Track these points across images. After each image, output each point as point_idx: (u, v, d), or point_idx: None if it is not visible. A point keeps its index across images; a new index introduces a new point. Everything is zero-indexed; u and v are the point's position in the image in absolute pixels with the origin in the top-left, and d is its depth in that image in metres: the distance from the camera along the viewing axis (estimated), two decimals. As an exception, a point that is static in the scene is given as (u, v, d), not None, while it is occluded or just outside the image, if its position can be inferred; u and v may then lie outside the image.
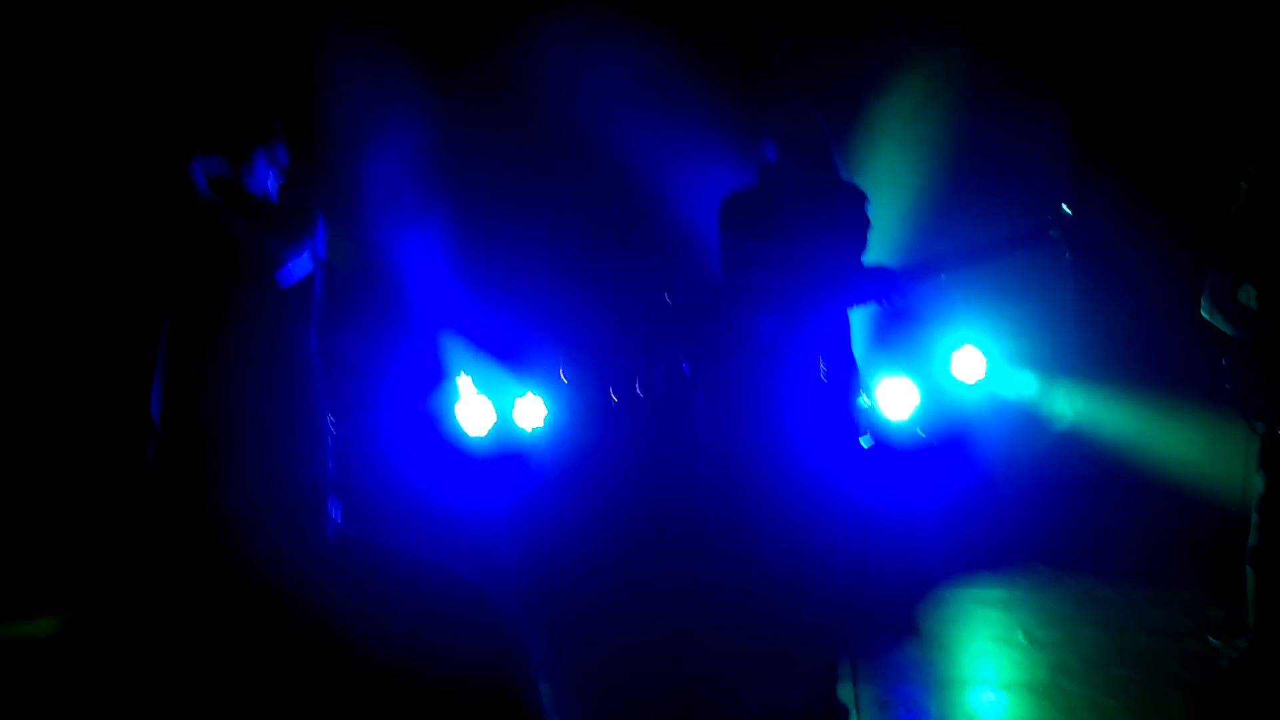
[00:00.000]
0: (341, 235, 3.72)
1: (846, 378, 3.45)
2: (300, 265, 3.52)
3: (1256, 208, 3.21)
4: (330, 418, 4.14)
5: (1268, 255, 3.19)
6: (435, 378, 5.19)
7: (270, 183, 3.65)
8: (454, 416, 5.10)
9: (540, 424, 5.11)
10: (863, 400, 3.60)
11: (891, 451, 4.84)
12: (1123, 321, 4.79)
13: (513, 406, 5.14)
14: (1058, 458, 5.12)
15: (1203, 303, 3.33)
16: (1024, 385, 5.23)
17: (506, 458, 5.09)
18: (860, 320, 3.51)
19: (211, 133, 3.60)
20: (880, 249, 3.47)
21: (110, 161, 4.88)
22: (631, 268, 5.18)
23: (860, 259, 3.37)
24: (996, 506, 5.06)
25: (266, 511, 3.63)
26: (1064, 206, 3.02)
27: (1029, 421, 5.19)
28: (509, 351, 5.22)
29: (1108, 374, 5.04)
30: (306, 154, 3.93)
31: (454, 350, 5.22)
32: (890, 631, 3.99)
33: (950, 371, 5.11)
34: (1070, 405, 5.17)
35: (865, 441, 3.50)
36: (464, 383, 5.15)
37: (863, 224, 3.41)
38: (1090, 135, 5.01)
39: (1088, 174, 4.89)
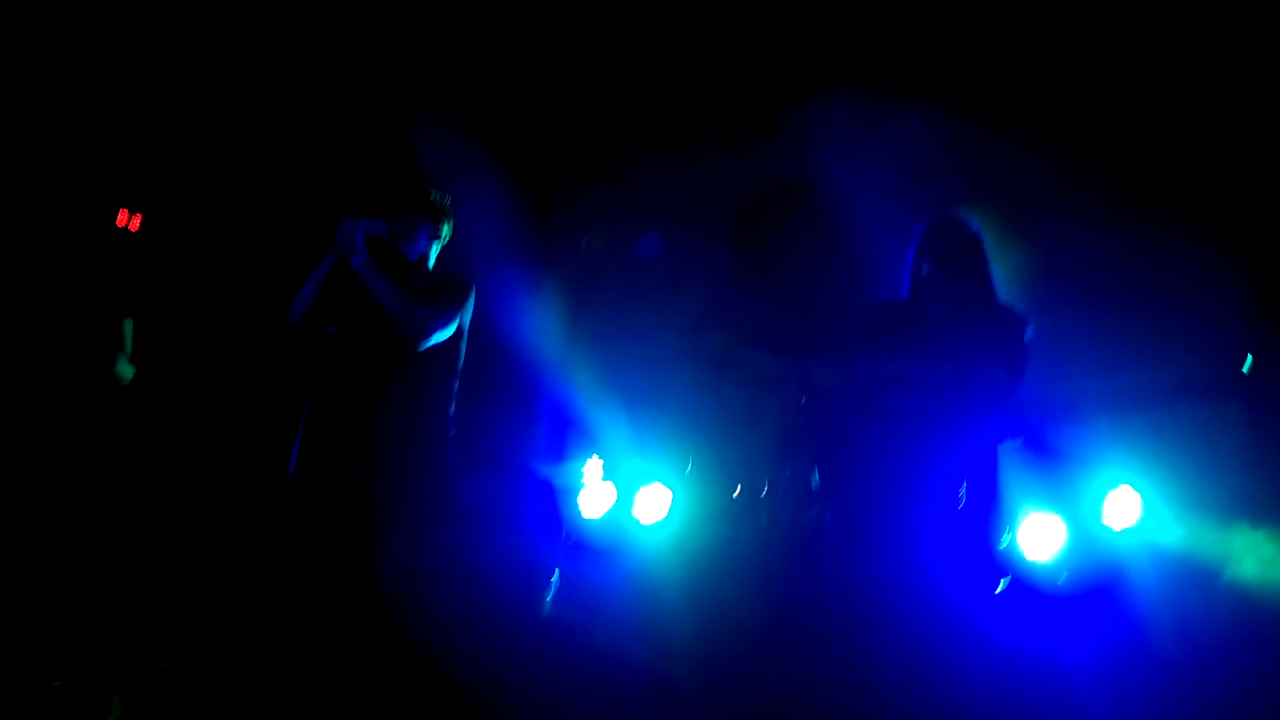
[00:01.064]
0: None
1: (986, 512, 3.23)
2: (443, 330, 3.57)
3: None
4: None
5: None
6: (560, 457, 5.15)
7: (429, 250, 3.73)
8: (575, 499, 5.04)
9: (663, 517, 4.99)
10: (1004, 539, 3.36)
11: (1031, 595, 4.49)
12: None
13: (634, 495, 5.05)
14: (1226, 614, 4.64)
15: None
16: (1188, 532, 4.79)
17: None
18: (1009, 454, 3.29)
19: (377, 196, 3.73)
20: (1040, 380, 3.26)
21: (275, 213, 5.11)
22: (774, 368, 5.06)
23: (1013, 388, 3.17)
24: (1152, 668, 4.59)
25: (399, 578, 3.59)
26: (1249, 358, 2.76)
27: (1191, 572, 4.75)
28: (638, 439, 5.15)
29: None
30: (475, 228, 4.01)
31: (582, 432, 5.19)
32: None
33: (1101, 514, 4.76)
34: (1250, 551, 4.70)
35: (1003, 584, 3.26)
36: (592, 466, 5.09)
37: (1019, 351, 3.22)
38: (1270, 284, 4.67)
39: (1266, 325, 4.53)
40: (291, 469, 3.60)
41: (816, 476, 3.33)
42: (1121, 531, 4.72)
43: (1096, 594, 4.58)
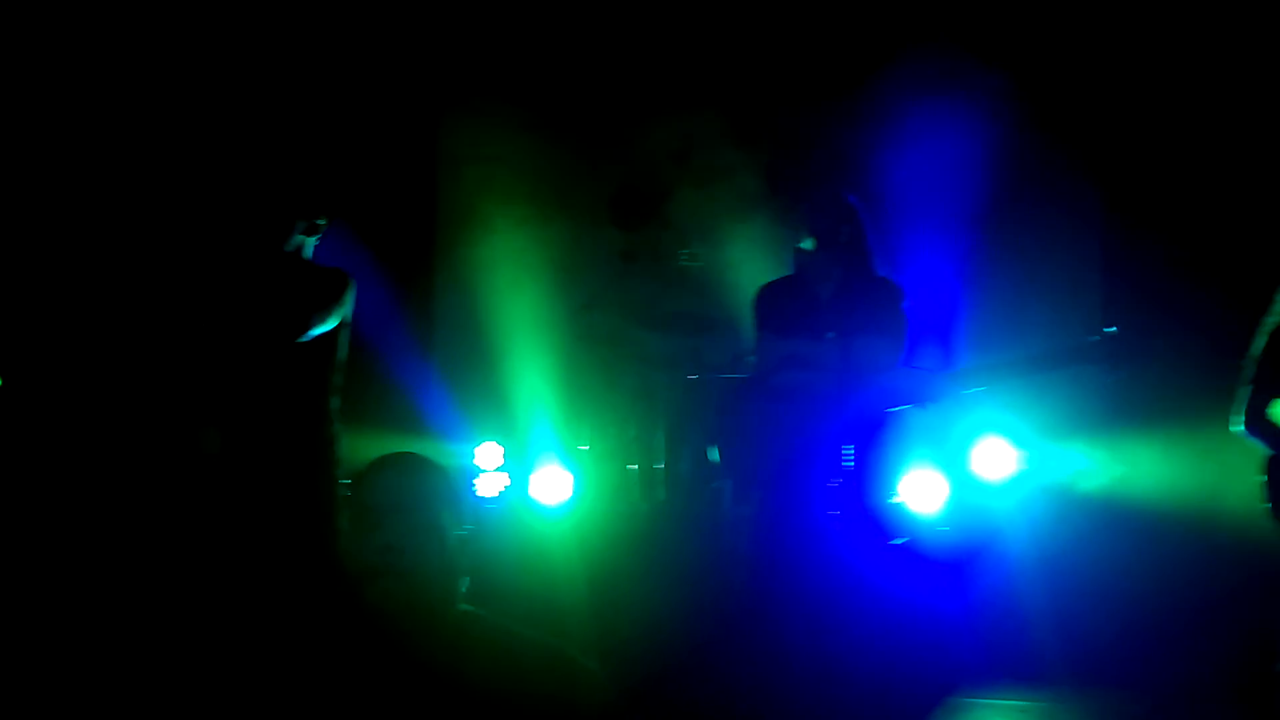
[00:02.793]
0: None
1: (874, 474, 3.37)
2: (322, 322, 3.51)
3: None
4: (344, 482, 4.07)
5: None
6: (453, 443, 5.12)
7: (305, 241, 3.65)
8: (473, 484, 5.01)
9: (567, 498, 5.01)
10: (893, 498, 3.51)
11: (918, 548, 4.71)
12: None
13: (529, 476, 5.06)
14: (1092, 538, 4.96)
15: (1233, 419, 3.24)
16: (1059, 467, 5.09)
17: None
18: (894, 419, 3.43)
19: (252, 191, 3.63)
20: (920, 349, 3.41)
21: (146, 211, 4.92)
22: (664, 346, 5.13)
23: (896, 358, 3.30)
24: (1026, 607, 4.90)
25: (268, 581, 3.53)
26: (1106, 329, 2.99)
27: (1067, 507, 5.07)
28: (533, 422, 5.15)
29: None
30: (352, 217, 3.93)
31: (475, 418, 5.17)
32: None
33: (979, 466, 5.02)
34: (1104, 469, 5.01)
35: (897, 541, 3.41)
36: (486, 450, 5.08)
37: (898, 323, 3.34)
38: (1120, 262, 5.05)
39: (1119, 299, 4.91)
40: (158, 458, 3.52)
41: (714, 451, 3.40)
42: (1001, 482, 5.00)
43: (976, 543, 4.85)
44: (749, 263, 4.52)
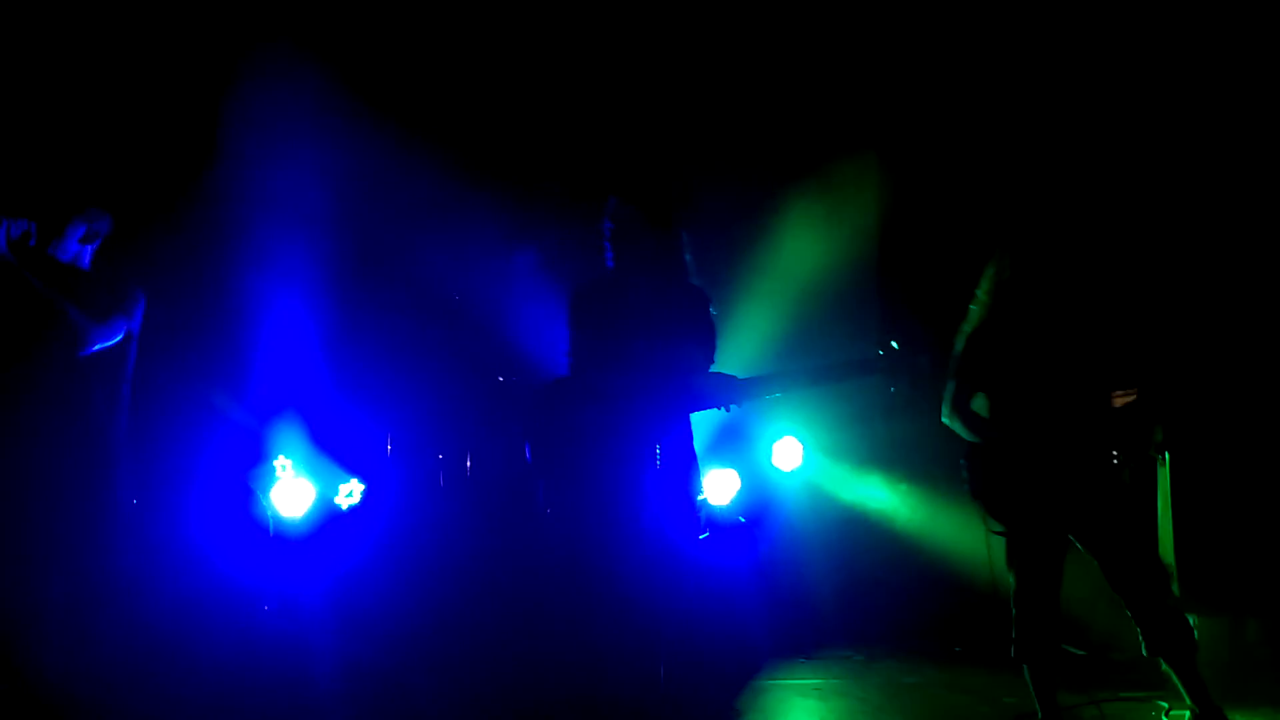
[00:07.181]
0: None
1: (685, 473, 3.52)
2: (106, 335, 3.37)
3: (985, 327, 3.64)
4: (133, 499, 3.91)
5: (995, 368, 3.60)
6: (253, 459, 4.93)
7: (83, 251, 3.49)
8: (269, 499, 4.84)
9: (358, 501, 4.95)
10: (700, 494, 3.68)
11: (715, 531, 5.01)
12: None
13: (335, 489, 4.95)
14: (848, 536, 5.49)
15: (943, 410, 3.68)
16: (832, 474, 5.60)
17: (325, 539, 4.88)
18: (702, 420, 3.60)
19: (23, 196, 3.41)
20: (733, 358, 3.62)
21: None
22: (465, 348, 5.15)
23: (705, 362, 3.45)
24: (809, 589, 5.35)
25: (60, 603, 3.41)
26: (892, 343, 3.33)
27: (825, 503, 5.55)
28: (334, 433, 5.04)
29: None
30: (137, 223, 3.74)
31: (276, 431, 5.00)
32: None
33: (771, 461, 5.41)
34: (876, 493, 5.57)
35: (702, 536, 3.58)
36: (283, 465, 4.91)
37: (705, 327, 3.50)
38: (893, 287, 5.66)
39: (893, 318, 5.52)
40: None
41: (527, 450, 3.45)
42: (788, 473, 5.43)
43: (756, 521, 5.26)
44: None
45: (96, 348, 3.36)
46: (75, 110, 4.79)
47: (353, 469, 5.02)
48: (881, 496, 5.60)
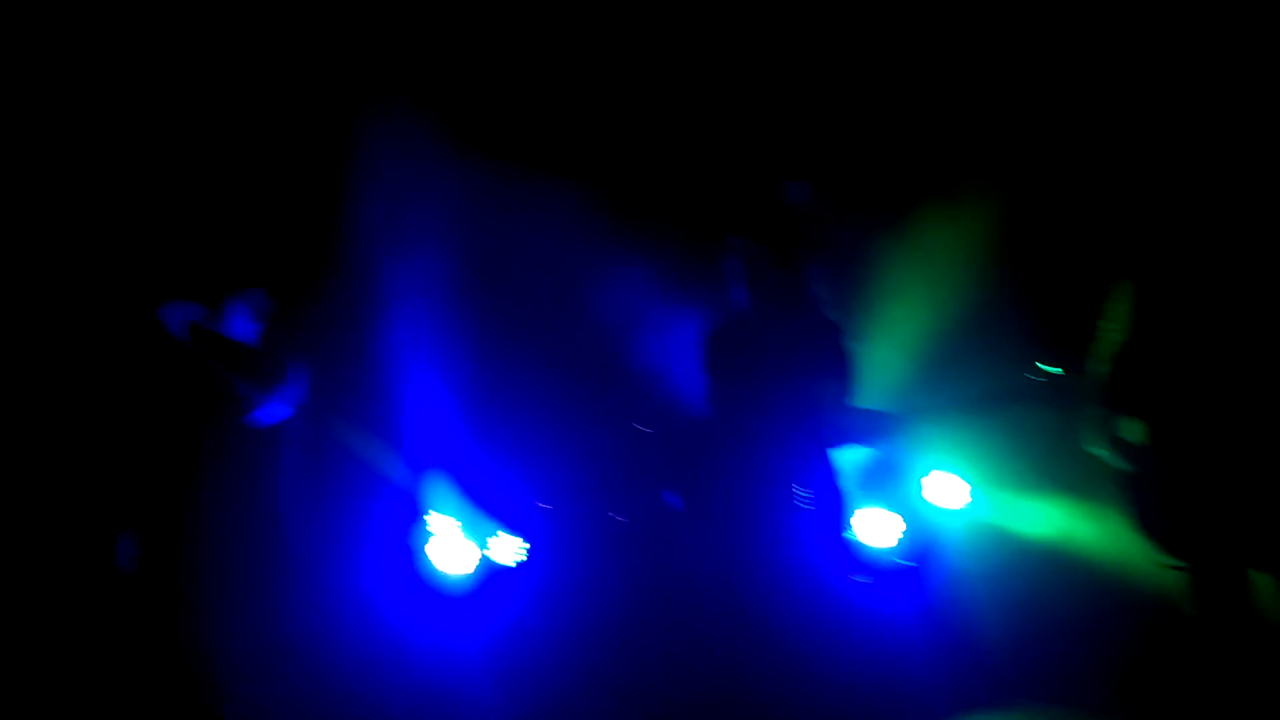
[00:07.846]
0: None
1: (833, 513, 3.43)
2: (274, 410, 3.56)
3: (1130, 348, 3.35)
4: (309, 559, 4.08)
5: (1149, 390, 3.30)
6: (411, 517, 5.09)
7: (248, 328, 3.69)
8: (427, 555, 4.98)
9: (522, 558, 5.01)
10: (849, 534, 3.57)
11: (878, 579, 4.81)
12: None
13: (486, 544, 5.04)
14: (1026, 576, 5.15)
15: (1085, 440, 3.40)
16: (1002, 508, 5.28)
17: (489, 595, 4.96)
18: (849, 457, 3.51)
19: (186, 279, 3.66)
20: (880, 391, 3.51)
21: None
22: (605, 400, 5.19)
23: (842, 396, 3.37)
24: (984, 635, 5.04)
25: (241, 662, 3.57)
26: (1040, 365, 3.15)
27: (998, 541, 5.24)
28: (484, 487, 5.15)
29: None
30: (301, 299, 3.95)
31: (429, 487, 5.15)
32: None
33: (927, 498, 5.17)
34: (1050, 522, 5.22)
35: (861, 579, 3.47)
36: (439, 520, 5.05)
37: (840, 360, 3.42)
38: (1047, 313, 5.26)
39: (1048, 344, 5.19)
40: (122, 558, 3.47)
41: (677, 499, 3.45)
42: (951, 512, 5.15)
43: (925, 566, 5.00)
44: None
45: (266, 417, 3.55)
46: (230, 201, 5.08)
47: (508, 524, 5.09)
48: (1064, 528, 5.23)
